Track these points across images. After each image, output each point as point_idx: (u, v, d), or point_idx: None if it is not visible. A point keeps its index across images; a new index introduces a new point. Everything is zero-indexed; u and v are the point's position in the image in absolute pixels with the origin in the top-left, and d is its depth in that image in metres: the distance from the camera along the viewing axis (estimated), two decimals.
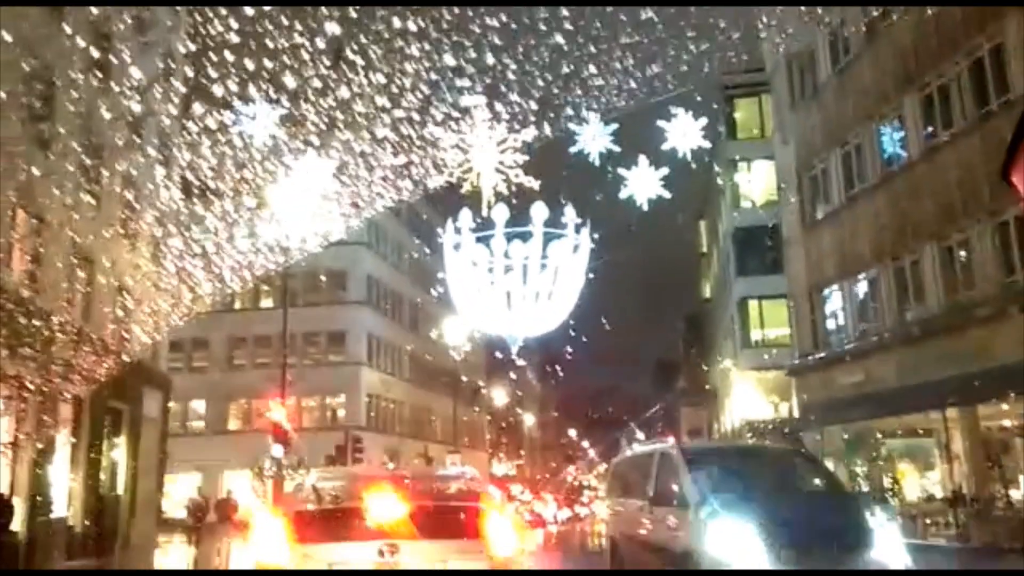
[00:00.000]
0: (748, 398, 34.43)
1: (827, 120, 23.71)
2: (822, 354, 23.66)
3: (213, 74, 11.32)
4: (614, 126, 14.42)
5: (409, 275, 53.76)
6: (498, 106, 12.20)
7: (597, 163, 14.66)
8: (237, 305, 46.66)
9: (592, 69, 12.27)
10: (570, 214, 18.13)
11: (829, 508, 8.50)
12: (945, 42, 18.39)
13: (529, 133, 14.38)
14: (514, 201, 15.46)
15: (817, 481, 9.75)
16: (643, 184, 15.31)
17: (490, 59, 11.81)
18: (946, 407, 18.22)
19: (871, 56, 21.66)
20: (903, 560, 7.68)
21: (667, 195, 15.20)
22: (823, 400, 22.78)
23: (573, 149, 14.69)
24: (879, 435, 21.92)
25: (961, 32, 17.81)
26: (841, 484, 10.95)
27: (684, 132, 14.60)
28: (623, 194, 15.26)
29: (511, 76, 11.97)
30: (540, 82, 12.14)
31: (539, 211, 17.83)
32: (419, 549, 5.41)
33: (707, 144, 15.21)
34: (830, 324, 24.21)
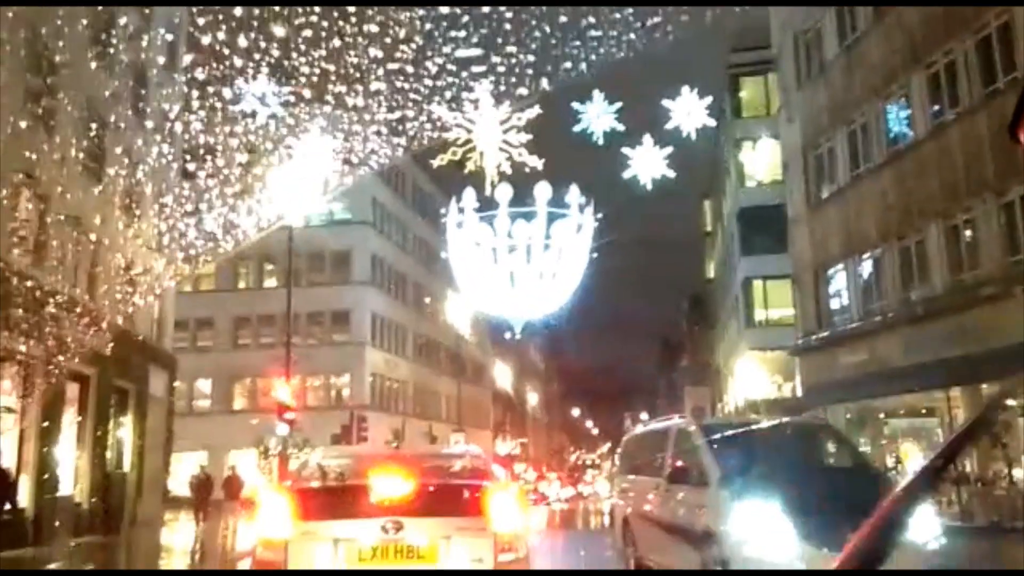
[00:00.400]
0: (752, 377, 34.49)
1: (833, 98, 23.58)
2: (826, 333, 23.67)
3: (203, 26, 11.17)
4: (618, 104, 14.39)
5: (413, 255, 53.79)
6: (494, 58, 11.88)
7: (601, 142, 14.64)
8: (241, 284, 46.89)
9: (591, 19, 11.88)
10: (573, 194, 18.14)
11: (858, 485, 7.92)
12: (952, 20, 18.24)
13: (533, 111, 14.32)
14: (523, 177, 15.34)
15: (844, 457, 9.36)
16: (647, 163, 15.30)
17: (485, 7, 11.51)
18: (950, 386, 18.24)
19: (878, 34, 21.50)
20: (937, 539, 7.12)
21: (671, 174, 15.20)
22: (826, 380, 22.82)
23: (577, 128, 14.66)
24: (882, 415, 21.98)
25: (969, 10, 17.66)
26: (868, 460, 10.48)
27: (689, 111, 14.58)
28: (627, 174, 15.25)
29: (507, 26, 11.63)
30: (537, 32, 11.74)
31: (543, 191, 17.83)
32: (422, 526, 5.46)
33: (712, 123, 15.20)
34: (834, 304, 24.20)
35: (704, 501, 7.81)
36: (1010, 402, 15.68)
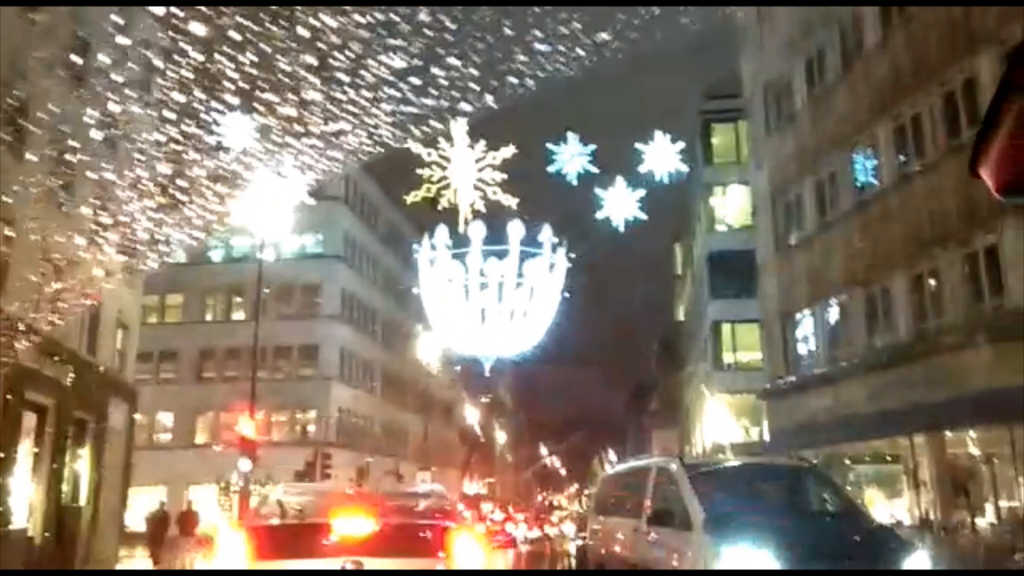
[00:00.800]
0: (720, 421, 34.58)
1: (802, 147, 24.00)
2: (793, 378, 23.82)
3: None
4: (592, 147, 14.57)
5: (384, 290, 53.57)
6: (435, 70, 11.42)
7: (575, 183, 14.78)
8: (208, 316, 46.32)
9: (537, 33, 11.35)
10: (546, 233, 18.26)
11: (849, 533, 7.65)
12: (919, 73, 18.71)
13: (508, 151, 14.42)
14: (497, 215, 15.30)
15: (833, 502, 8.93)
16: (620, 205, 15.46)
17: (424, 15, 10.93)
18: (912, 433, 18.38)
19: (846, 85, 21.99)
20: None
21: (644, 216, 15.36)
22: (793, 424, 22.91)
23: (551, 168, 14.80)
24: (848, 460, 22.07)
25: (936, 63, 18.13)
26: (859, 507, 10.05)
27: (661, 155, 14.80)
28: (600, 214, 15.38)
29: (448, 37, 11.06)
30: (480, 45, 11.23)
31: (516, 229, 17.93)
32: (384, 566, 5.34)
33: (684, 167, 15.42)
34: (801, 349, 24.39)
35: (687, 545, 7.43)
36: (973, 451, 15.69)
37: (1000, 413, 14.81)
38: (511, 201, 14.80)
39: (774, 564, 6.56)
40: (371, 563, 5.30)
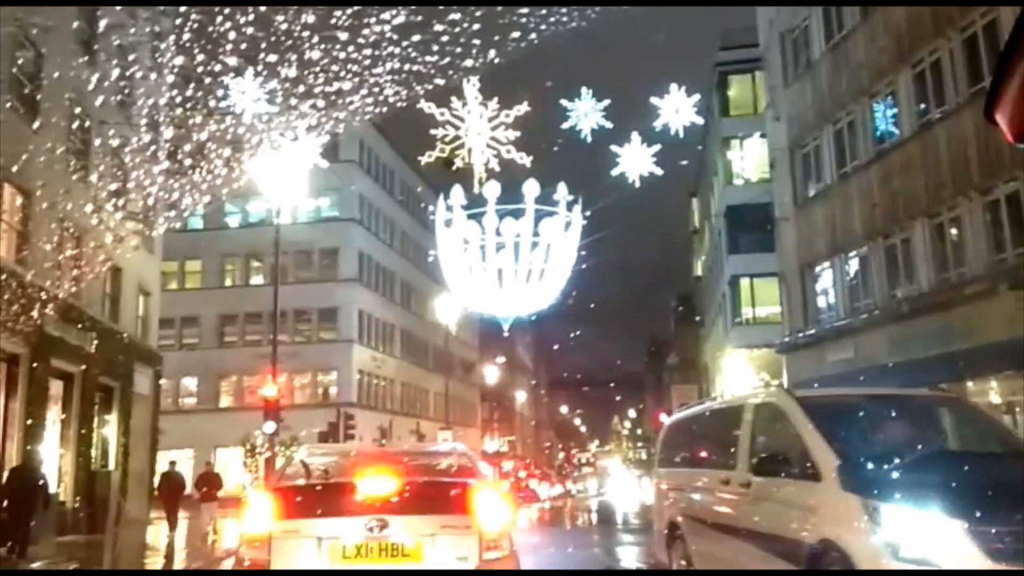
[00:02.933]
0: (738, 375, 34.58)
1: (820, 97, 23.64)
2: (812, 331, 23.75)
3: None
4: (606, 102, 14.40)
5: (401, 252, 53.70)
6: (437, 26, 11.21)
7: (589, 140, 14.65)
8: (228, 282, 46.69)
9: None
10: (562, 191, 18.15)
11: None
12: (939, 19, 18.31)
13: (521, 108, 14.29)
14: (512, 174, 15.16)
15: (989, 440, 6.94)
16: (635, 161, 15.32)
17: None
18: (934, 384, 18.31)
19: (865, 32, 21.56)
20: None
21: (659, 172, 15.23)
22: (813, 377, 22.86)
23: (565, 125, 14.66)
24: None
25: (955, 9, 17.73)
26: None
27: (677, 109, 14.61)
28: (615, 171, 15.26)
29: None
30: None
31: (531, 188, 17.83)
32: (407, 524, 5.42)
33: (700, 121, 15.24)
34: (820, 302, 24.28)
35: (816, 502, 5.76)
36: (995, 400, 15.38)
37: (1022, 362, 14.72)
38: (525, 160, 14.69)
39: (953, 521, 4.91)
40: (395, 521, 5.38)
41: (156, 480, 21.55)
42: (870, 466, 5.64)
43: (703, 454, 8.56)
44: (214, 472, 20.50)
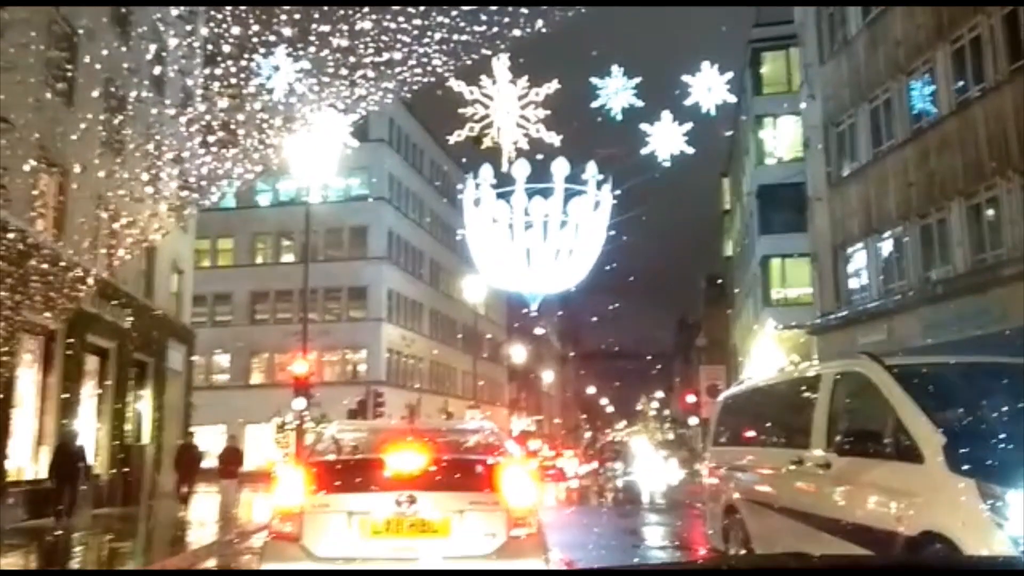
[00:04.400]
0: (768, 357, 34.35)
1: (856, 74, 23.26)
2: (844, 313, 23.52)
3: None
4: (637, 80, 14.27)
5: (430, 231, 53.84)
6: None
7: (620, 118, 14.53)
8: (259, 260, 47.16)
9: None
10: (591, 170, 18.06)
11: None
12: None
13: (551, 86, 14.20)
14: (539, 156, 15.07)
15: None
16: (666, 140, 15.18)
17: None
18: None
19: (902, 8, 21.14)
20: None
21: (690, 151, 15.08)
22: None
23: (595, 104, 14.55)
24: None
25: None
26: None
27: (709, 86, 14.43)
28: (646, 150, 15.13)
29: None
30: None
31: (560, 166, 17.77)
32: (436, 500, 5.49)
33: (732, 99, 15.04)
34: (853, 283, 24.02)
35: (916, 486, 5.06)
36: None
37: None
38: (555, 139, 14.62)
39: None
40: (423, 496, 5.45)
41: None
42: (983, 444, 4.85)
43: (768, 432, 7.81)
44: (236, 448, 19.86)
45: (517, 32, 11.66)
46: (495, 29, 11.67)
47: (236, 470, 18.81)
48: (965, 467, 4.72)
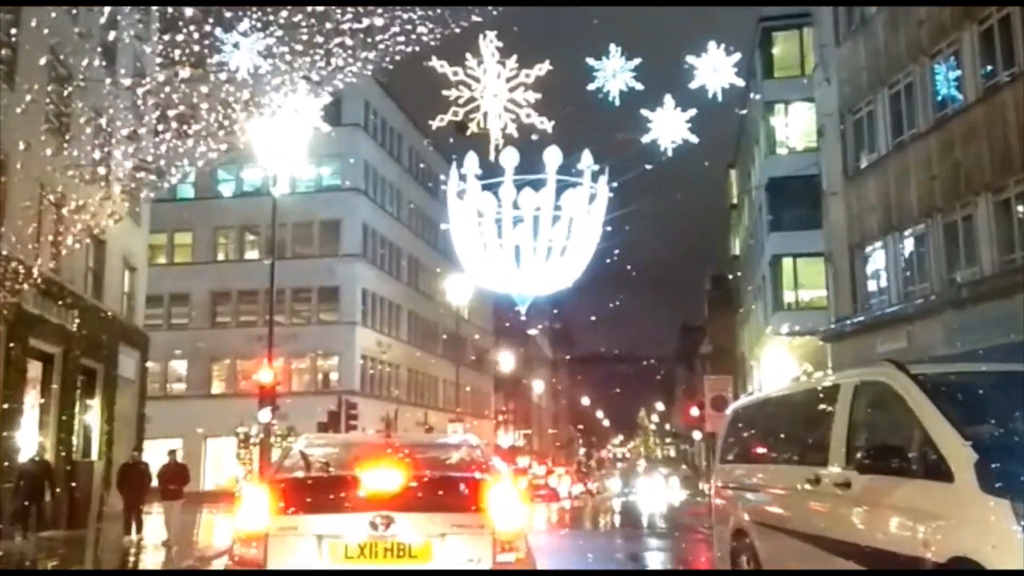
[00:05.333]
0: (779, 365, 34.47)
1: (875, 57, 23.35)
2: (861, 317, 23.61)
3: None
4: (637, 61, 14.24)
5: (409, 226, 53.76)
6: None
7: (617, 103, 14.50)
8: (220, 256, 46.97)
9: None
10: (586, 159, 18.05)
11: None
12: None
13: (543, 67, 14.18)
14: (532, 138, 14.98)
15: None
16: (668, 127, 15.16)
17: None
18: None
19: None
20: None
21: (694, 140, 15.07)
22: None
23: (591, 87, 14.52)
24: None
25: None
26: None
27: (715, 68, 14.42)
28: (646, 138, 15.11)
29: None
30: None
31: (552, 156, 17.74)
32: (415, 522, 5.45)
33: (740, 82, 15.04)
34: (871, 285, 24.12)
35: (945, 507, 4.99)
36: None
37: None
38: (547, 125, 14.58)
39: None
40: (401, 518, 5.41)
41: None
42: (1019, 460, 4.76)
43: (780, 447, 7.79)
44: (179, 464, 18.52)
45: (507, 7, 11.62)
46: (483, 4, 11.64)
47: (180, 490, 17.71)
48: (998, 486, 4.65)
